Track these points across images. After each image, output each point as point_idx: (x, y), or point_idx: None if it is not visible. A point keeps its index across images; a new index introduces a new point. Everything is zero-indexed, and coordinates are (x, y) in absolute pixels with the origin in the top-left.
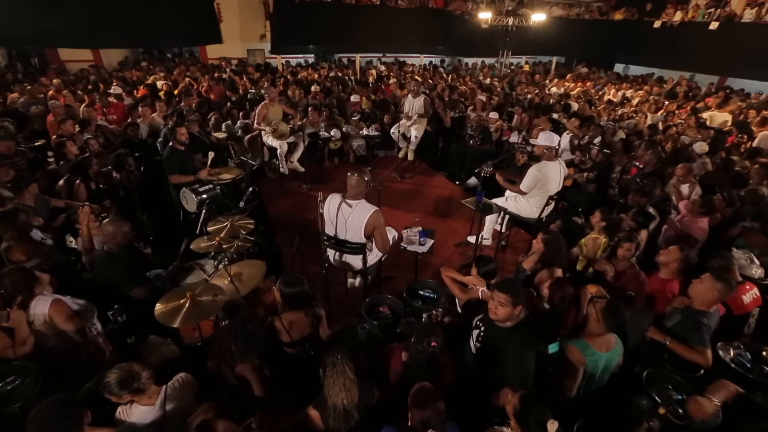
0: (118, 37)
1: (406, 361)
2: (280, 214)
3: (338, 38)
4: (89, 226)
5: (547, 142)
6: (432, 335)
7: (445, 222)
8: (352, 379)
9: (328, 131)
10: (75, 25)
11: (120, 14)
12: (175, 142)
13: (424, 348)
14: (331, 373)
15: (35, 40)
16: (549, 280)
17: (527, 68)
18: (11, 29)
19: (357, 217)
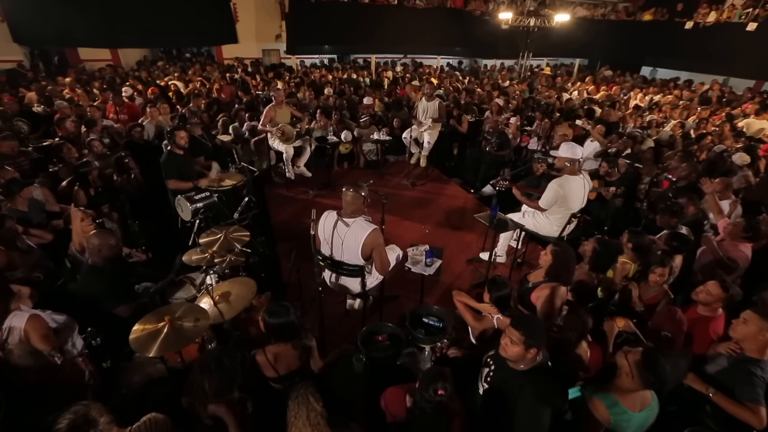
0: (136, 37)
1: (410, 407)
2: (283, 222)
3: (354, 39)
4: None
5: (569, 154)
6: (439, 381)
7: (457, 235)
8: (318, 411)
9: (339, 134)
10: (94, 24)
11: (138, 14)
12: (174, 146)
13: (431, 396)
14: (293, 405)
15: (56, 39)
16: (547, 296)
17: (548, 71)
18: (34, 29)
19: (354, 236)
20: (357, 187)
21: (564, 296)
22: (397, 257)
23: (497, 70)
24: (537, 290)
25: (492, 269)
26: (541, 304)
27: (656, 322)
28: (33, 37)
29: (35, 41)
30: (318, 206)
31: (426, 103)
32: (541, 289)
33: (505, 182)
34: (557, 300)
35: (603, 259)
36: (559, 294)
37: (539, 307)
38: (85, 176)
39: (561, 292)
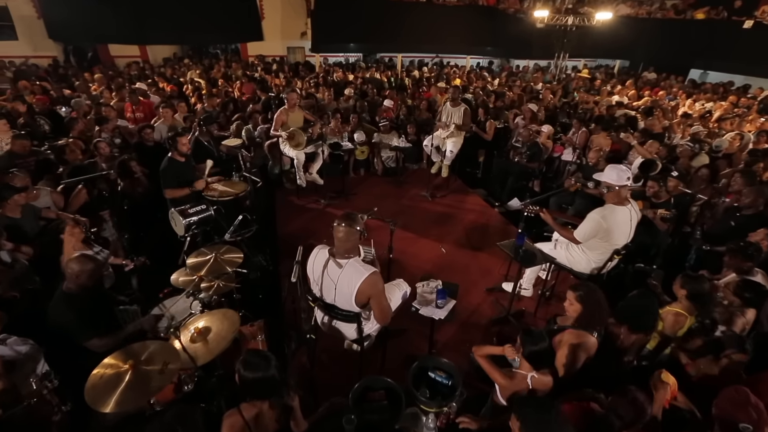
0: (164, 33)
1: None
2: (290, 234)
3: (380, 37)
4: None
5: (615, 179)
6: None
7: (477, 257)
8: None
9: (353, 138)
10: (125, 21)
11: (166, 10)
12: (176, 152)
13: None
14: None
15: (89, 36)
16: (571, 346)
17: (585, 73)
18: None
19: (347, 281)
20: (351, 221)
21: (592, 349)
22: (403, 295)
23: (530, 71)
24: (562, 334)
25: (515, 301)
26: (562, 352)
27: (723, 407)
28: (67, 34)
29: (69, 38)
30: (329, 217)
31: (450, 108)
32: (567, 333)
33: (535, 207)
34: (582, 353)
35: (645, 318)
36: (585, 345)
37: (558, 354)
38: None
39: (589, 344)
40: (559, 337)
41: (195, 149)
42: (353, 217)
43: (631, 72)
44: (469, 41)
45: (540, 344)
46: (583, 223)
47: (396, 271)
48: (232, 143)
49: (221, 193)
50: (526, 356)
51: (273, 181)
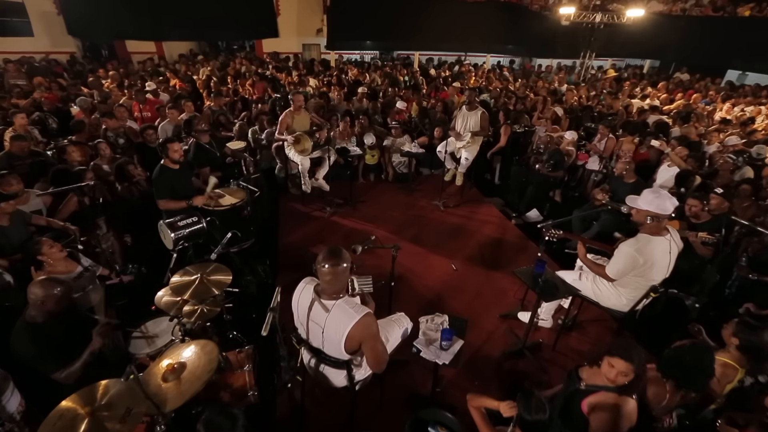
0: (178, 30)
1: None
2: (291, 245)
3: (398, 34)
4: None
5: (654, 206)
6: None
7: (491, 277)
8: None
9: (363, 141)
10: (142, 18)
11: (181, 7)
12: (167, 159)
13: None
14: None
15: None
16: (609, 415)
17: (612, 73)
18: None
19: (335, 327)
20: (337, 259)
21: (633, 415)
22: (403, 333)
23: (553, 71)
24: (594, 397)
25: (532, 332)
26: (599, 421)
27: None
28: (86, 30)
29: (88, 34)
30: (334, 227)
31: (466, 113)
32: (599, 396)
33: (558, 232)
34: (624, 421)
35: (698, 376)
36: (626, 412)
37: (594, 423)
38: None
39: (629, 410)
40: (592, 399)
41: (195, 153)
42: (339, 253)
43: (662, 73)
44: (489, 39)
45: (536, 416)
46: (615, 258)
47: (401, 292)
48: (236, 146)
49: (217, 203)
50: (519, 423)
51: (279, 185)
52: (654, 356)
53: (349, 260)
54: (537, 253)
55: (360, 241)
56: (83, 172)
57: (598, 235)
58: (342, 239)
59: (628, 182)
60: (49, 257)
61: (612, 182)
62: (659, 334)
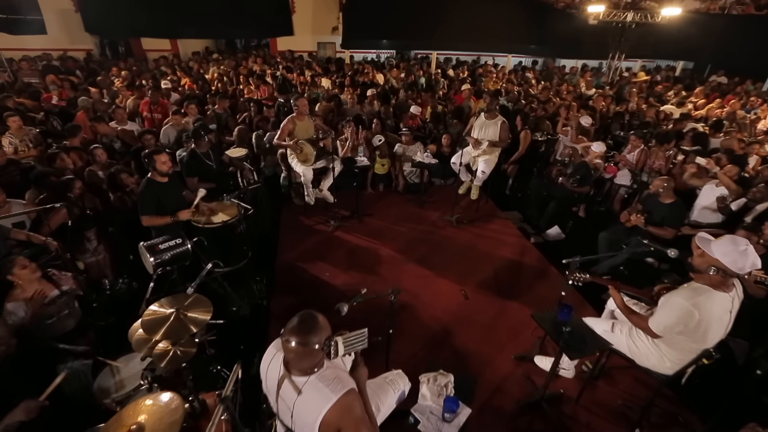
0: (193, 28)
1: None
2: (289, 263)
3: (415, 33)
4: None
5: (730, 260)
6: None
7: (507, 308)
8: None
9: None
10: (158, 15)
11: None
12: (155, 172)
13: None
14: None
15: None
16: None
17: (643, 76)
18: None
19: (306, 410)
20: (307, 335)
21: None
22: (399, 397)
23: (578, 73)
24: None
25: (552, 381)
26: None
27: None
28: (103, 27)
29: (105, 31)
30: (336, 243)
31: (485, 121)
32: None
33: (584, 275)
34: None
35: None
36: None
37: None
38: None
39: None
40: None
41: (188, 162)
42: (310, 327)
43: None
44: (511, 38)
45: None
46: (662, 309)
47: (403, 325)
48: (236, 153)
49: (208, 219)
50: None
51: (283, 194)
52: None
53: (326, 332)
54: (560, 290)
55: (362, 260)
56: (71, 182)
57: (628, 263)
58: (344, 257)
59: (665, 203)
60: (20, 278)
61: (646, 201)
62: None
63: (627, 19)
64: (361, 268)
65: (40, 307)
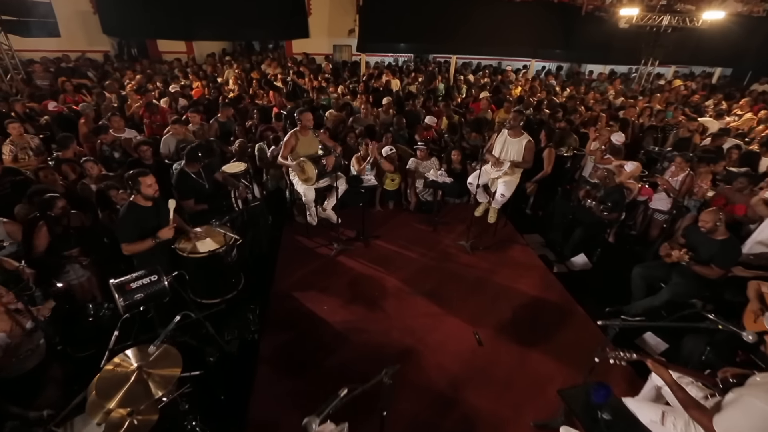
0: (208, 29)
1: None
2: (285, 293)
3: (435, 36)
4: None
5: None
6: None
7: (527, 358)
8: None
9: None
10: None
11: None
12: (138, 196)
13: None
14: None
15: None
16: None
17: (679, 83)
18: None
19: None
20: None
21: None
22: None
23: (606, 79)
24: None
25: None
26: None
27: None
28: (120, 29)
29: (122, 32)
30: (338, 270)
31: (509, 139)
32: None
33: (629, 355)
34: None
35: None
36: None
37: None
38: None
39: None
40: None
41: (179, 184)
42: None
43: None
44: (535, 43)
45: None
46: (733, 408)
47: (405, 376)
48: (235, 169)
49: (194, 247)
50: None
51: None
52: None
53: None
54: (588, 338)
55: (365, 291)
56: (52, 200)
57: (668, 305)
58: (346, 287)
59: (716, 239)
60: None
61: (691, 234)
62: None
63: (663, 23)
64: (364, 302)
65: None
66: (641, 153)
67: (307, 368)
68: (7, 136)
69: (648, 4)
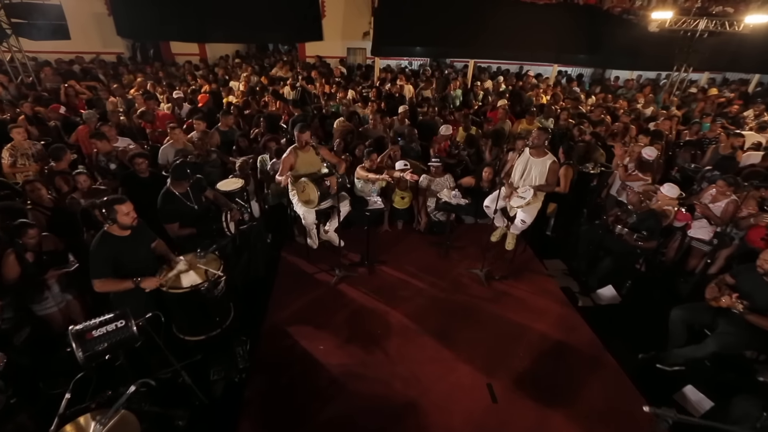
0: (221, 31)
1: None
2: (279, 327)
3: (452, 39)
4: None
5: None
6: None
7: (546, 420)
8: None
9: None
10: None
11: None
12: (113, 225)
13: None
14: None
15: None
16: None
17: (715, 91)
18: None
19: None
20: None
21: None
22: None
23: (634, 87)
24: None
25: None
26: None
27: None
28: (134, 31)
29: (135, 34)
30: (338, 301)
31: (530, 159)
32: None
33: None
34: None
35: None
36: None
37: None
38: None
39: None
40: None
41: (164, 206)
42: None
43: None
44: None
45: None
46: None
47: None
48: (230, 186)
49: (176, 280)
50: None
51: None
52: None
53: None
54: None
55: (366, 329)
56: (23, 227)
57: (714, 357)
58: (345, 323)
59: None
60: None
61: (743, 276)
62: None
63: (698, 27)
64: (364, 341)
65: None
66: (675, 170)
67: (298, 422)
68: (11, 140)
69: (682, 6)
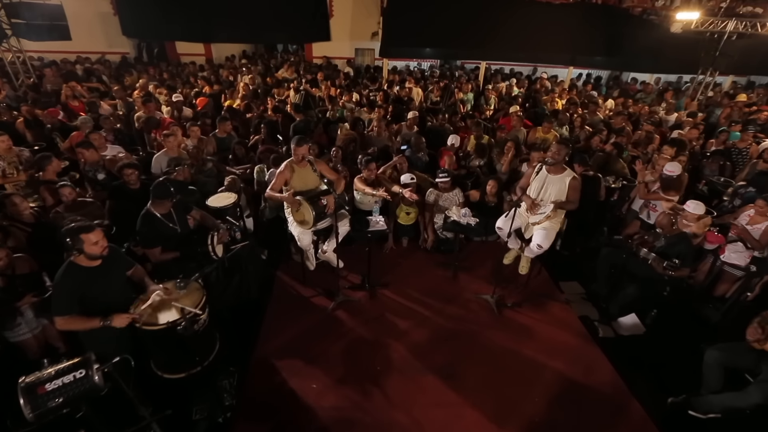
0: (227, 31)
1: None
2: (269, 360)
3: (464, 41)
4: None
5: None
6: None
7: None
8: None
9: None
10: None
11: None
12: (80, 256)
13: None
14: None
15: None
16: None
17: (744, 97)
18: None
19: None
20: None
21: None
22: None
23: (655, 91)
24: None
25: None
26: None
27: None
28: (139, 31)
29: (141, 34)
30: (335, 331)
31: (549, 177)
32: None
33: None
34: None
35: None
36: None
37: None
38: None
39: None
40: None
41: (144, 230)
42: None
43: None
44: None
45: None
46: None
47: None
48: (221, 201)
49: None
50: None
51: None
52: None
53: None
54: None
55: (365, 365)
56: None
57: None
58: (341, 358)
59: None
60: None
61: None
62: None
63: (726, 29)
64: (361, 381)
65: None
66: (702, 184)
67: None
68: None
69: (706, 6)
